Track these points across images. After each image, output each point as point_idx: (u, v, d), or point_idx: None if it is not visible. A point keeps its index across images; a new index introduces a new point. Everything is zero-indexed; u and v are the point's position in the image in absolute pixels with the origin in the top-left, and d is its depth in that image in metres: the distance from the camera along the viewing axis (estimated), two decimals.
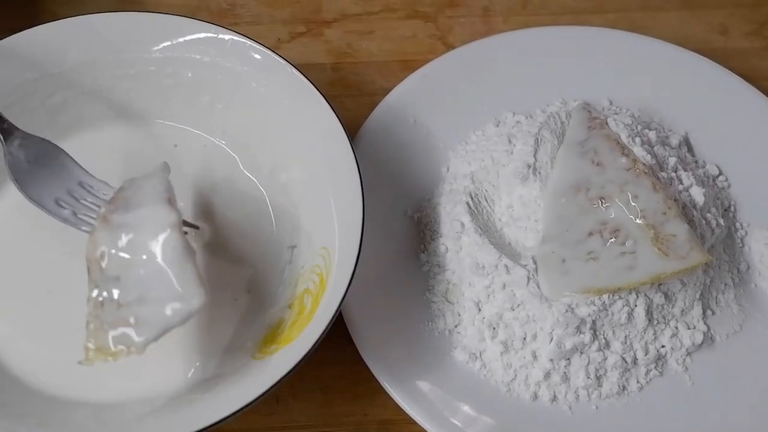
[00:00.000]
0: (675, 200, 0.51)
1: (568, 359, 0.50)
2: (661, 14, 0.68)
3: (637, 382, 0.51)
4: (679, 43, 0.63)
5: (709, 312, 0.53)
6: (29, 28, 0.54)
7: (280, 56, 0.53)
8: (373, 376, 0.50)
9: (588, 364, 0.50)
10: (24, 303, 0.51)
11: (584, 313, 0.50)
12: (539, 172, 0.54)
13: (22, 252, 0.53)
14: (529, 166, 0.54)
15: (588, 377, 0.50)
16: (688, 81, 0.62)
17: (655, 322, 0.51)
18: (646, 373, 0.51)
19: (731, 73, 0.61)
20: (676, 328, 0.52)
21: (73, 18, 0.54)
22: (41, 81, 0.54)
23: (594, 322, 0.50)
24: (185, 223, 0.50)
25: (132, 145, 0.56)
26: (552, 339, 0.50)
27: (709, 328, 0.53)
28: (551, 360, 0.50)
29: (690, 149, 0.59)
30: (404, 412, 0.49)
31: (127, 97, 0.56)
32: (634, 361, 0.51)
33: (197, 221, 0.53)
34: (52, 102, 0.55)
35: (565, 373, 0.50)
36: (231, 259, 0.53)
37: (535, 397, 0.50)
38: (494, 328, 0.51)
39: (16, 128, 0.51)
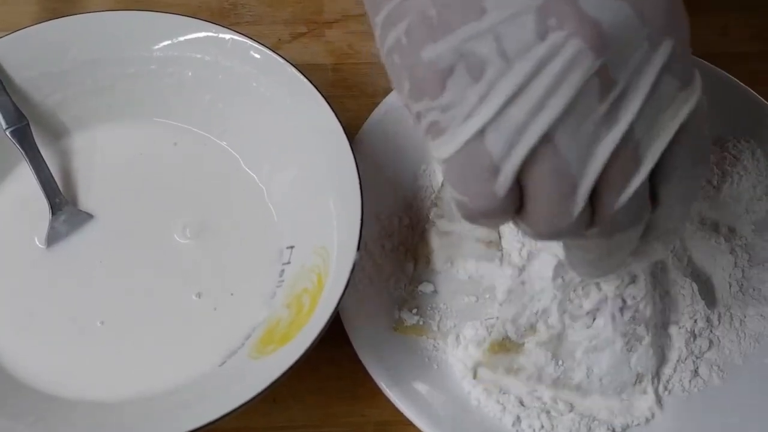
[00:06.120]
0: None
1: None
2: None
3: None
4: None
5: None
6: (29, 26, 0.54)
7: (280, 56, 0.53)
8: (371, 376, 0.50)
9: None
10: (19, 301, 0.51)
11: None
12: None
13: (17, 248, 0.52)
14: None
15: None
16: None
17: None
18: None
19: (732, 77, 0.61)
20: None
21: (73, 16, 0.54)
22: (41, 79, 0.54)
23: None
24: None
25: (132, 144, 0.56)
26: None
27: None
28: None
29: None
30: (402, 413, 0.49)
31: (128, 96, 0.56)
32: None
33: (197, 219, 0.54)
34: (52, 100, 0.55)
35: None
36: (229, 257, 0.53)
37: None
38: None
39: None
